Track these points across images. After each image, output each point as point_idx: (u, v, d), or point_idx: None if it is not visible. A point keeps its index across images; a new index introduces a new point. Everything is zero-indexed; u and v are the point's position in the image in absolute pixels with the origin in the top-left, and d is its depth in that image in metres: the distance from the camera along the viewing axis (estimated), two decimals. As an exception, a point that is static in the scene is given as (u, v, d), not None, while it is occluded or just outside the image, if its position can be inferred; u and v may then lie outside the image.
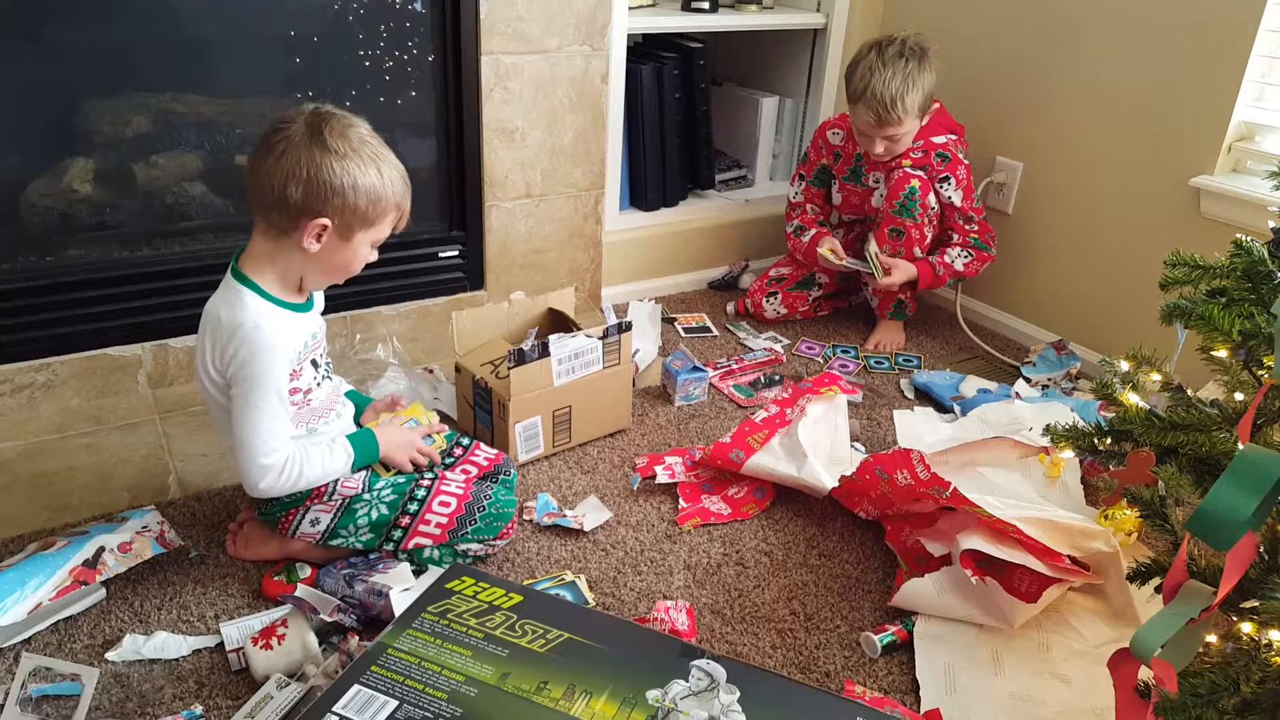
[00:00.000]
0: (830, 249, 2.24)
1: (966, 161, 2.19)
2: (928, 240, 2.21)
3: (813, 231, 2.33)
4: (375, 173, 1.26)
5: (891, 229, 2.18)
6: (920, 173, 2.15)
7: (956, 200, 2.19)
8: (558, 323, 1.90)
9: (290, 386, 1.35)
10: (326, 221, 1.25)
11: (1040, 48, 2.21)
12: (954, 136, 2.20)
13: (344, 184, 1.24)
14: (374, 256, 1.36)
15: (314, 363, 1.40)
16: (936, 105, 2.16)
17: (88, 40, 1.54)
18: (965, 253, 2.22)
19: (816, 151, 2.36)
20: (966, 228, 2.22)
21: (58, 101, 1.57)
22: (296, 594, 1.33)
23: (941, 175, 2.17)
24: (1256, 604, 0.92)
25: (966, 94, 2.33)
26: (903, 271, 2.18)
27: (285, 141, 1.23)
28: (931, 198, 2.17)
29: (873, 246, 2.17)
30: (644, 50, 2.50)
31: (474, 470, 1.55)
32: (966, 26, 2.36)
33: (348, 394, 1.55)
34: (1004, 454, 1.69)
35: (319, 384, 1.41)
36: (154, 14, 1.58)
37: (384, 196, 1.28)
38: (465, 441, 1.60)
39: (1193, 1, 1.89)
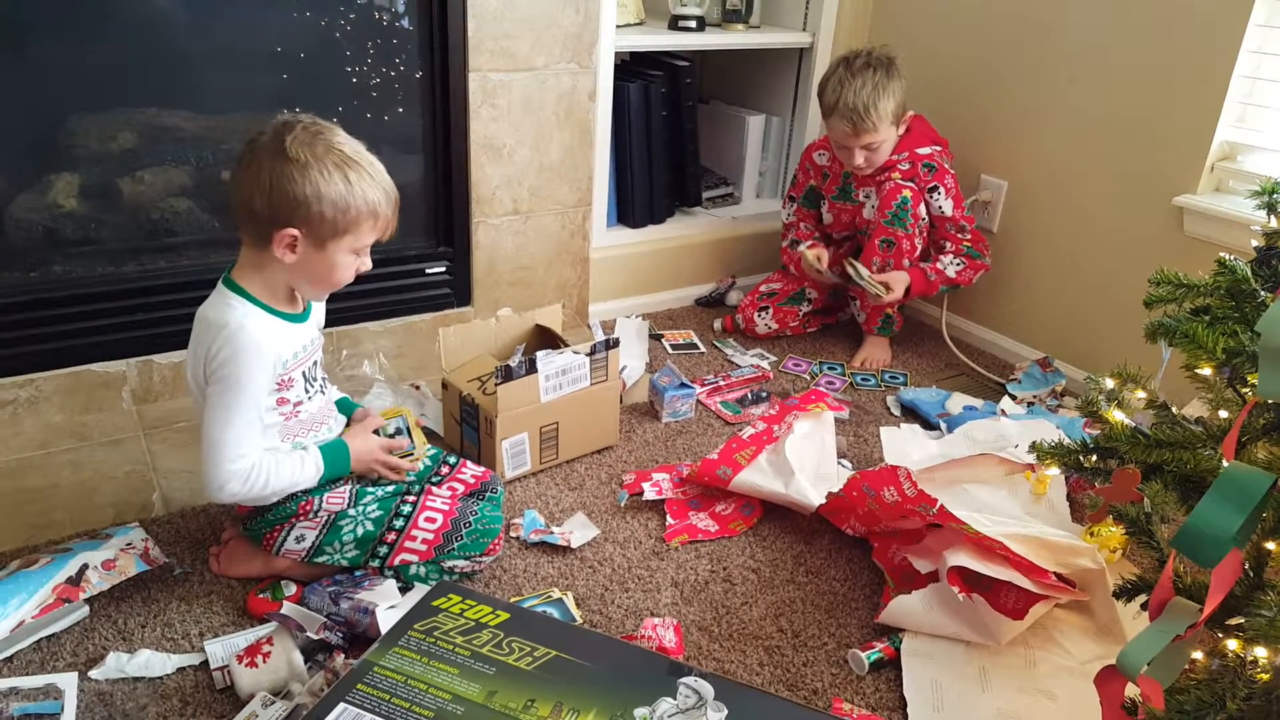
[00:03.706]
0: (816, 255, 2.26)
1: (953, 172, 2.22)
2: (916, 252, 2.23)
3: (807, 243, 2.36)
4: (340, 180, 1.24)
5: (883, 240, 2.20)
6: (910, 184, 2.18)
7: (948, 209, 2.21)
8: (545, 339, 1.91)
9: (278, 397, 1.34)
10: (295, 232, 1.24)
11: (1025, 67, 2.24)
12: (939, 148, 2.23)
13: (307, 194, 1.22)
14: (366, 264, 1.34)
15: (305, 374, 1.39)
16: (910, 115, 2.19)
17: (73, 55, 1.54)
18: (958, 260, 2.24)
19: (804, 173, 2.39)
20: (960, 237, 2.24)
21: (43, 116, 1.57)
22: (282, 611, 1.32)
23: (930, 185, 2.20)
24: (1242, 621, 0.92)
25: (952, 112, 2.36)
26: (898, 282, 2.20)
27: (252, 154, 1.24)
28: (923, 208, 2.20)
29: (864, 270, 2.18)
30: (631, 68, 2.51)
31: (460, 488, 1.55)
32: (952, 46, 2.39)
33: (337, 401, 1.54)
34: (990, 471, 1.69)
35: (310, 397, 1.41)
36: (140, 29, 1.58)
37: (351, 205, 1.25)
38: (452, 459, 1.59)
39: (1176, 22, 1.91)
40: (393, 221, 1.33)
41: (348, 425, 1.51)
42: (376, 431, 1.49)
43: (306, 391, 1.39)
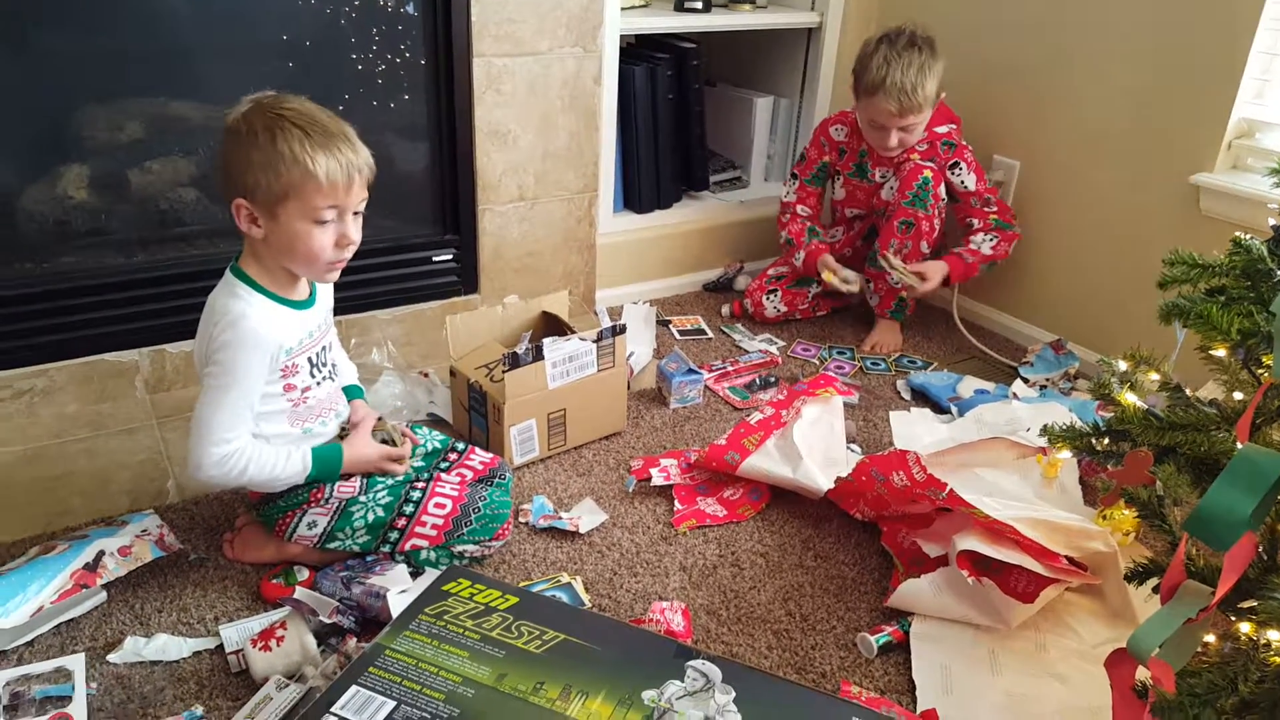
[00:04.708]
0: (829, 272, 2.25)
1: (969, 147, 2.21)
2: (935, 233, 2.22)
3: (803, 252, 2.34)
4: (268, 143, 1.21)
5: (902, 221, 2.19)
6: (930, 163, 2.17)
7: (970, 184, 2.20)
8: (552, 326, 1.90)
9: (285, 383, 1.35)
10: (242, 202, 1.24)
11: (1037, 45, 2.22)
12: (954, 126, 2.22)
13: (239, 162, 1.22)
14: (349, 234, 1.29)
15: (311, 360, 1.39)
16: (943, 95, 2.18)
17: (81, 47, 1.54)
18: (990, 236, 2.23)
19: (818, 149, 2.37)
20: (985, 210, 2.23)
21: (52, 108, 1.57)
22: (295, 596, 1.33)
23: (951, 161, 2.19)
24: (1255, 604, 0.92)
25: (963, 92, 2.33)
26: (935, 271, 2.19)
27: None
28: (943, 189, 2.19)
29: (897, 262, 2.18)
30: (637, 51, 2.50)
31: (469, 474, 1.55)
32: (963, 23, 2.36)
33: (349, 388, 1.55)
34: (1001, 454, 1.69)
35: (319, 383, 1.41)
36: (147, 20, 1.57)
37: (281, 168, 1.21)
38: (460, 446, 1.59)
39: (1191, -1, 1.89)
40: (349, 185, 1.26)
41: (344, 426, 1.51)
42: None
43: (313, 377, 1.40)
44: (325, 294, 1.45)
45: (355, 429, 1.48)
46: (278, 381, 1.34)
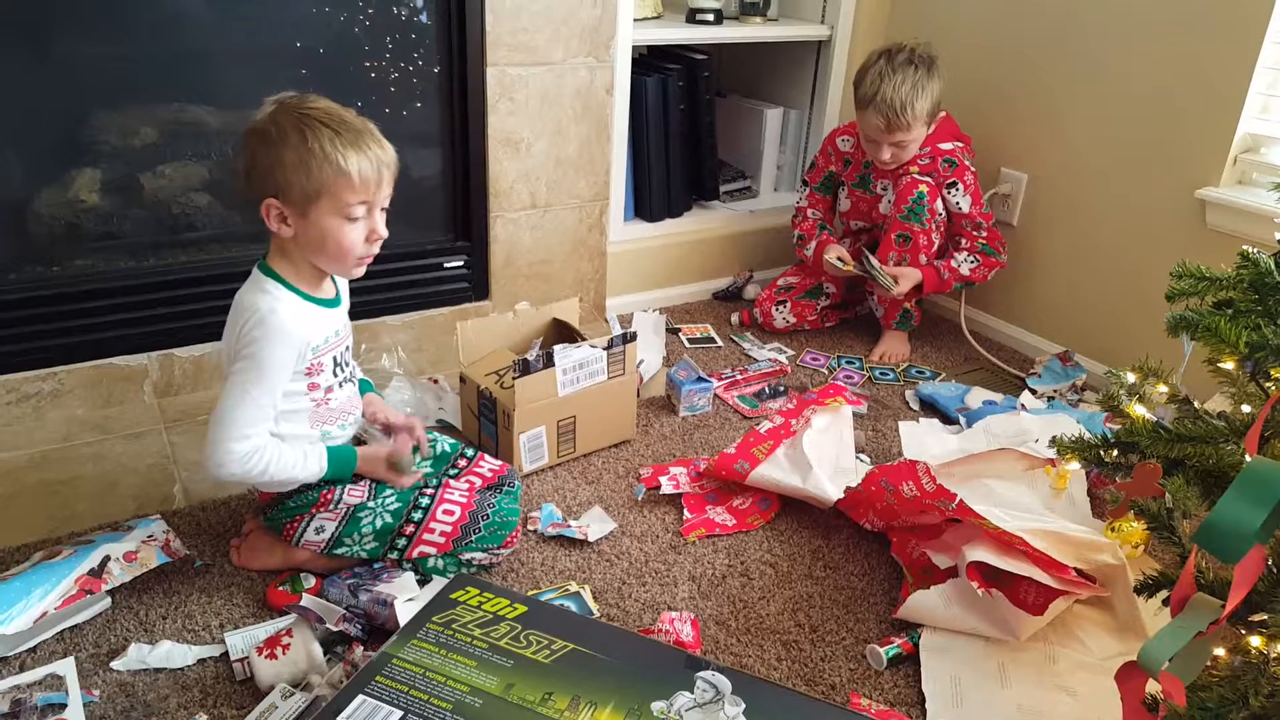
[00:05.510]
0: (838, 256, 2.25)
1: (973, 169, 2.20)
2: (934, 247, 2.22)
3: (814, 242, 2.34)
4: (299, 142, 1.23)
5: (899, 234, 2.19)
6: (928, 179, 2.17)
7: (964, 206, 2.20)
8: (562, 333, 1.91)
9: (309, 383, 1.36)
10: (274, 202, 1.26)
11: (1045, 59, 2.22)
12: (960, 144, 2.22)
13: (270, 163, 1.24)
14: (378, 230, 1.32)
15: (335, 360, 1.40)
16: (943, 115, 2.18)
17: (95, 51, 1.55)
18: (972, 258, 2.22)
19: (825, 158, 2.38)
20: (975, 234, 2.23)
21: (65, 112, 1.58)
22: (301, 604, 1.33)
23: (949, 180, 2.18)
24: (1265, 617, 0.91)
25: (971, 105, 2.34)
26: (908, 278, 2.19)
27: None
28: (939, 204, 2.19)
29: (875, 261, 2.18)
30: (649, 62, 2.51)
31: (478, 481, 1.55)
32: (971, 38, 2.37)
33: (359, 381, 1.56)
34: (1010, 466, 1.68)
35: (340, 384, 1.42)
36: (161, 25, 1.59)
37: (313, 166, 1.23)
38: (470, 453, 1.60)
39: (1198, 13, 1.89)
40: (379, 181, 1.29)
41: (359, 435, 1.52)
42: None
43: (336, 377, 1.41)
44: (348, 296, 1.46)
45: (369, 434, 1.49)
46: (301, 380, 1.35)
